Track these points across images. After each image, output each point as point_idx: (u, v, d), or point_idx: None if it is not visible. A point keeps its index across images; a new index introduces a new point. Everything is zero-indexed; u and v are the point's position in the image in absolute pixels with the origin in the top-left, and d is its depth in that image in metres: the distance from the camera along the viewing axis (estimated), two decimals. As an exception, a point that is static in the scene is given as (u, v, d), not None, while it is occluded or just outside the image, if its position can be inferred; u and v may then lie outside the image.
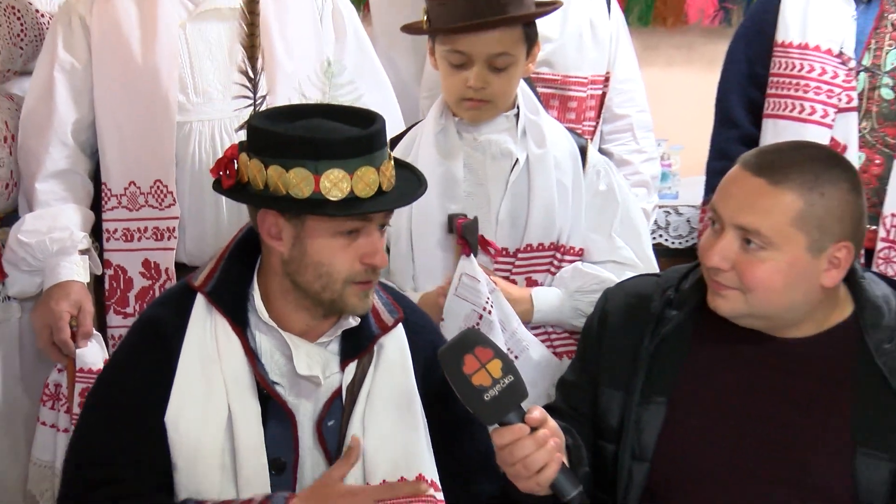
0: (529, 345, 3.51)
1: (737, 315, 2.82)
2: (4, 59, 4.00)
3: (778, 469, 2.81)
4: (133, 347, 2.95)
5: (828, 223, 2.73)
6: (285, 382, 2.85)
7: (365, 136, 2.69)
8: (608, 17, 4.51)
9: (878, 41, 4.19)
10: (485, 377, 2.57)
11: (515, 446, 2.59)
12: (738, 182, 2.78)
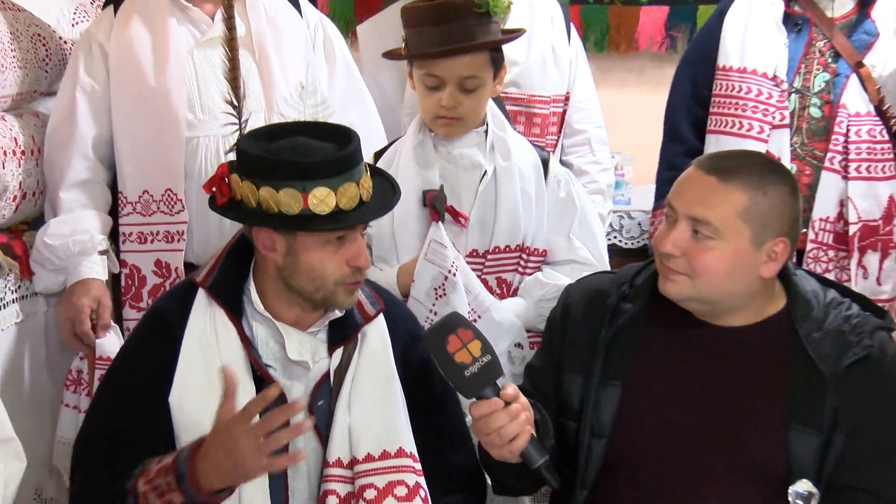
0: (491, 307, 3.52)
1: (683, 298, 2.86)
2: (31, 81, 4.00)
3: (720, 445, 2.83)
4: (141, 336, 2.99)
5: (769, 219, 2.78)
6: (278, 366, 2.88)
7: (344, 156, 2.73)
8: (568, 44, 4.51)
9: (808, 66, 4.21)
10: (465, 355, 2.61)
11: (491, 418, 2.63)
12: (693, 179, 2.84)
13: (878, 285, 4.17)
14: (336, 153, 2.75)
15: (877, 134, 4.17)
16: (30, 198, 3.89)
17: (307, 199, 2.69)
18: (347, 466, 2.84)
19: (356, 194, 2.75)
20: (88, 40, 3.91)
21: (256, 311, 2.87)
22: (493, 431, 2.64)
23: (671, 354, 2.94)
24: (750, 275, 2.82)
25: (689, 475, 2.81)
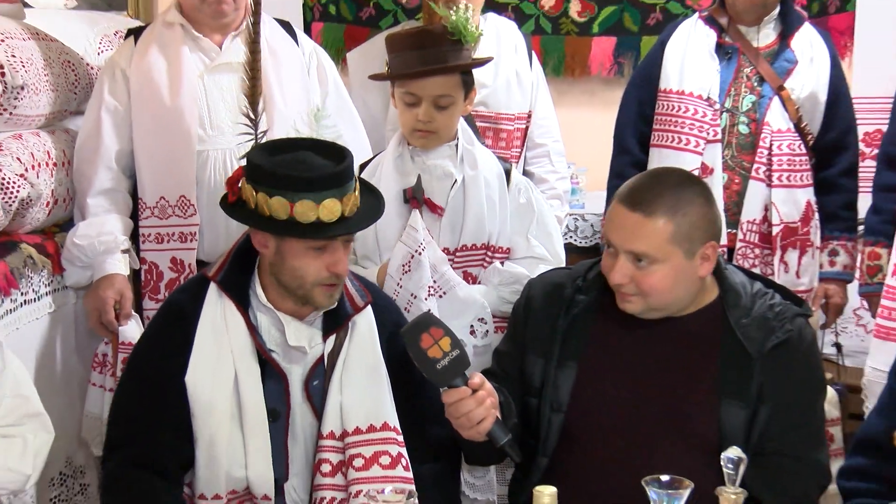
0: (455, 285, 3.53)
1: (640, 312, 2.89)
2: (62, 102, 3.99)
3: (662, 417, 2.85)
4: (159, 325, 3.01)
5: (694, 233, 2.82)
6: (279, 351, 2.90)
7: (332, 174, 2.76)
8: (530, 69, 4.51)
9: (737, 89, 4.21)
10: (437, 351, 2.62)
11: (460, 404, 2.65)
12: (621, 217, 2.85)
13: (797, 278, 4.17)
14: (324, 171, 2.77)
15: (796, 148, 4.17)
16: (60, 204, 3.88)
17: (293, 208, 2.71)
18: (339, 438, 2.86)
19: (338, 210, 2.75)
20: (112, 66, 3.90)
21: (260, 302, 2.90)
22: (462, 416, 2.66)
23: (620, 339, 2.95)
24: (691, 279, 2.87)
25: (636, 444, 2.82)
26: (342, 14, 5.68)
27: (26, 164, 3.67)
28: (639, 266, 2.80)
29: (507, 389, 2.90)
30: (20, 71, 3.67)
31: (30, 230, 3.79)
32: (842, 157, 4.28)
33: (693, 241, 2.82)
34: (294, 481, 2.92)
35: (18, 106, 3.70)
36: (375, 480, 2.78)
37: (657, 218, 2.79)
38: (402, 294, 3.47)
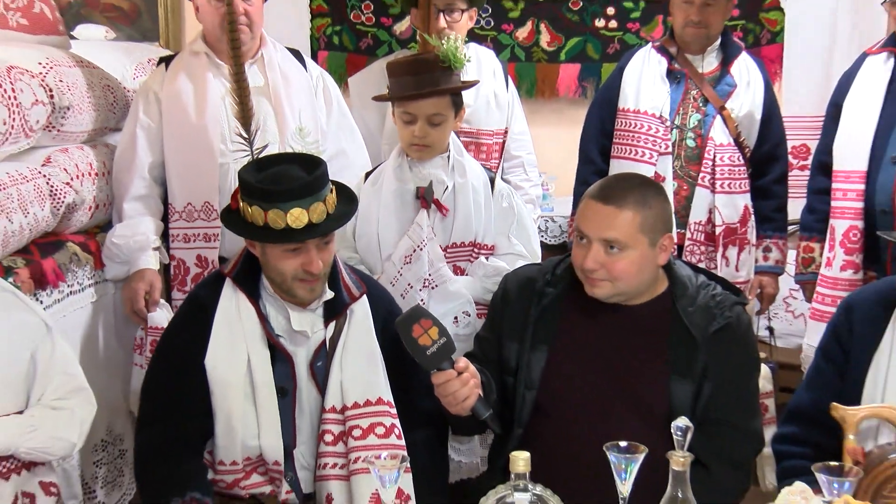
0: (447, 280, 3.54)
1: (608, 296, 2.88)
2: (103, 120, 4.02)
3: (620, 393, 2.86)
4: (182, 316, 3.03)
5: (657, 225, 2.84)
6: (286, 336, 2.91)
7: (298, 187, 2.75)
8: (506, 91, 4.51)
9: (685, 108, 4.21)
10: (426, 339, 2.63)
11: (447, 385, 2.66)
12: (595, 211, 2.85)
13: (736, 271, 4.19)
14: (293, 184, 2.78)
15: (735, 159, 4.18)
16: (101, 208, 3.90)
17: (267, 216, 2.73)
18: (339, 412, 2.87)
19: (304, 217, 2.74)
20: (146, 89, 3.91)
21: (268, 293, 2.91)
22: (449, 395, 2.68)
23: (584, 326, 2.95)
24: (652, 266, 2.88)
25: (598, 415, 2.82)
26: (344, 44, 5.68)
27: (72, 174, 3.69)
28: (610, 253, 2.80)
29: (488, 370, 2.90)
30: (66, 94, 3.70)
31: (74, 231, 3.81)
32: (774, 167, 4.30)
33: (656, 231, 2.84)
34: (301, 449, 2.93)
35: (65, 124, 3.73)
36: (372, 448, 2.78)
37: (627, 210, 2.80)
38: (400, 282, 3.49)
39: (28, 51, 3.76)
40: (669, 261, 2.96)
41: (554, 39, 5.65)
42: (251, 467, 2.88)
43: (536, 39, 5.66)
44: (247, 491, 2.88)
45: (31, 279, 3.37)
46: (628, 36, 5.56)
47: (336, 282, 2.96)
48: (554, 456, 2.63)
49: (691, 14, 4.12)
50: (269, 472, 2.88)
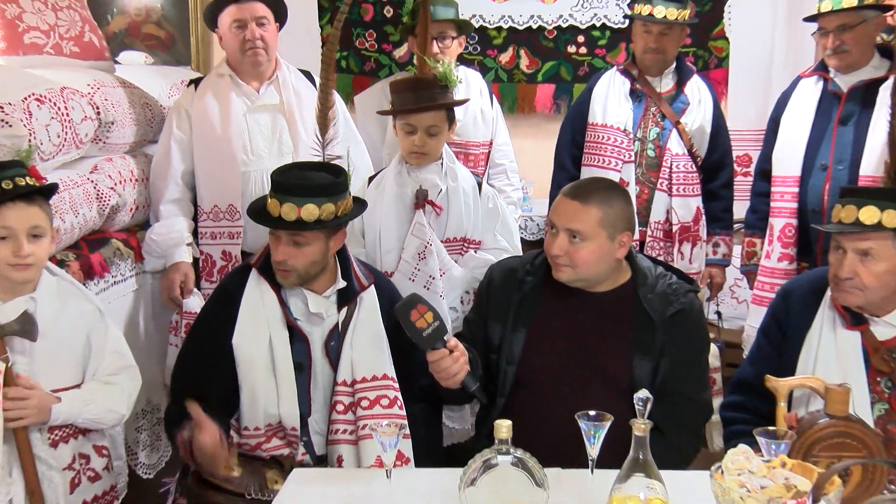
0: (453, 267, 3.56)
1: (569, 280, 2.89)
2: (142, 133, 4.02)
3: (589, 368, 2.88)
4: (213, 303, 3.04)
5: (617, 223, 2.85)
6: (303, 318, 2.91)
7: (302, 187, 2.79)
8: (491, 108, 4.53)
9: (645, 123, 4.23)
10: (423, 322, 2.63)
11: (440, 362, 2.66)
12: (563, 205, 2.88)
13: (689, 264, 4.20)
14: (314, 184, 2.82)
15: (689, 167, 4.20)
16: (140, 209, 3.90)
17: (269, 205, 2.82)
18: (349, 385, 2.89)
19: (293, 211, 2.77)
20: (178, 107, 3.90)
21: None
22: (441, 370, 2.68)
23: (558, 310, 2.96)
24: (609, 258, 2.88)
25: (570, 387, 2.85)
26: (350, 67, 5.69)
27: (115, 180, 3.70)
28: (573, 242, 2.82)
29: (474, 349, 2.90)
30: (111, 111, 3.72)
31: (117, 229, 3.81)
32: (722, 173, 4.32)
33: (615, 228, 2.85)
34: (315, 417, 2.93)
35: (110, 137, 3.74)
36: (377, 417, 2.81)
37: (591, 206, 2.82)
38: (419, 276, 3.49)
39: (79, 74, 3.79)
40: (632, 254, 2.98)
41: (532, 63, 5.65)
42: (272, 432, 2.89)
43: (517, 63, 5.66)
44: (268, 453, 2.88)
45: (80, 271, 3.36)
46: (596, 60, 5.56)
47: (348, 273, 2.98)
48: (532, 423, 2.65)
49: (650, 42, 4.16)
50: (287, 436, 2.89)
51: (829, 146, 3.88)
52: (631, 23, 4.32)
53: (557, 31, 5.63)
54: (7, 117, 2.94)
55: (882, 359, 2.75)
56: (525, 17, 5.61)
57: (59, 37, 4.00)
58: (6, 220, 2.52)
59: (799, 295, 2.92)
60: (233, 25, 3.81)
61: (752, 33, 5.32)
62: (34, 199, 2.60)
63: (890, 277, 2.69)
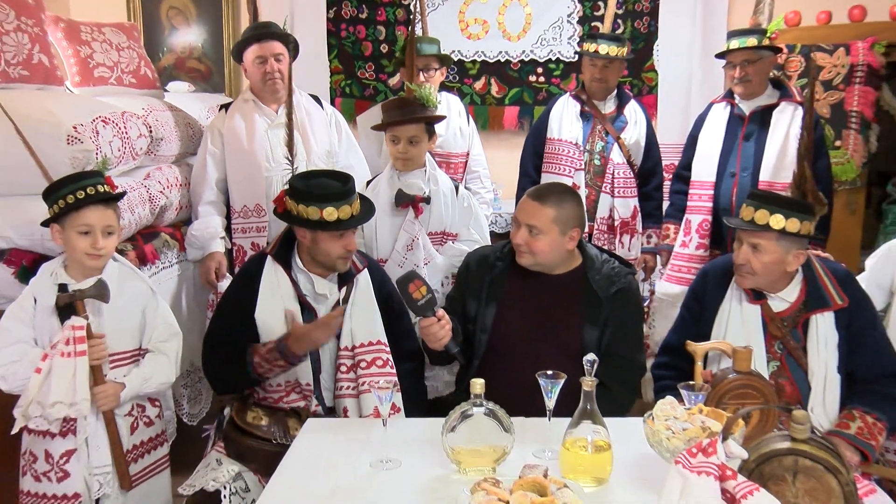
0: (436, 257, 3.53)
1: (529, 265, 2.90)
2: (184, 147, 4.03)
3: (547, 336, 2.88)
4: (238, 283, 3.00)
5: (568, 221, 2.85)
6: (311, 296, 2.90)
7: (333, 194, 2.76)
8: (468, 125, 4.50)
9: (592, 138, 4.22)
10: (418, 294, 2.63)
11: (430, 328, 2.67)
12: (526, 204, 2.88)
13: (628, 252, 4.20)
14: (339, 190, 2.78)
15: (627, 174, 4.20)
16: (183, 209, 3.90)
17: (322, 212, 2.72)
18: (350, 350, 2.87)
19: (348, 212, 2.77)
20: (212, 127, 3.89)
21: (298, 267, 2.90)
22: (430, 335, 2.69)
23: (522, 289, 2.95)
24: (561, 249, 2.88)
25: (531, 352, 2.85)
26: (353, 93, 5.66)
27: (164, 185, 3.71)
28: (532, 234, 2.84)
29: (456, 320, 2.89)
30: (160, 129, 3.75)
31: (166, 224, 3.81)
32: (653, 179, 4.33)
33: (566, 225, 2.85)
34: (324, 375, 2.91)
35: (159, 150, 3.76)
36: (373, 375, 2.80)
37: (547, 206, 2.83)
38: (407, 264, 3.47)
39: (135, 100, 3.86)
40: (583, 243, 2.98)
41: (501, 89, 5.64)
42: (290, 388, 2.88)
43: (488, 89, 5.65)
44: (288, 405, 2.87)
45: (136, 258, 3.39)
46: (552, 87, 5.56)
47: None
48: (501, 381, 2.63)
49: (595, 73, 4.19)
50: (303, 391, 2.87)
51: (736, 157, 3.97)
52: (580, 58, 4.32)
53: (521, 64, 5.61)
54: (79, 135, 2.99)
55: (776, 326, 2.79)
56: (495, 53, 5.60)
57: (120, 71, 4.12)
58: (88, 219, 2.58)
59: (713, 276, 2.93)
60: (256, 61, 3.82)
61: (675, 67, 5.35)
62: (109, 203, 2.67)
63: (774, 266, 2.73)
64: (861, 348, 2.74)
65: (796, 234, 2.68)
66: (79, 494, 2.53)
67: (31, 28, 3.29)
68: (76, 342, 2.49)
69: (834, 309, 2.75)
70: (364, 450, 2.37)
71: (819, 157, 3.82)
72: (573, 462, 2.15)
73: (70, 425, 2.53)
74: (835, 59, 4.75)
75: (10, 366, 2.50)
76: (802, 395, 2.75)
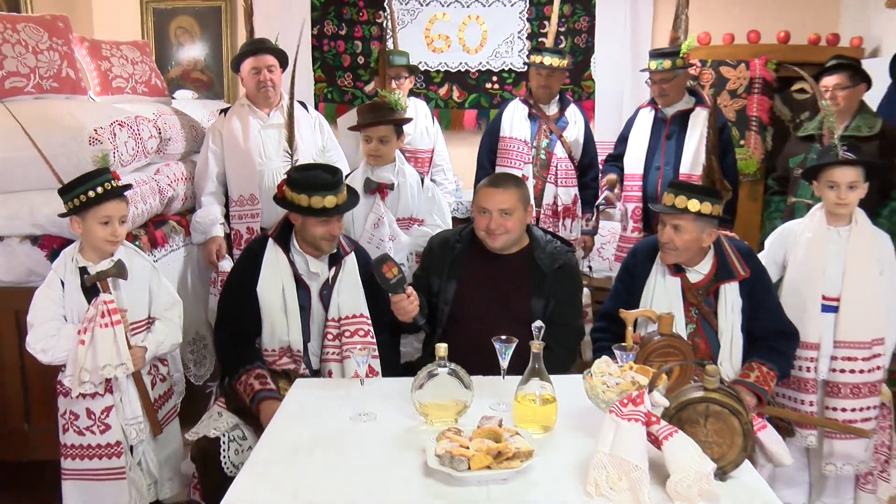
0: (400, 235, 3.48)
1: (503, 245, 2.88)
2: (189, 146, 3.96)
3: (500, 306, 2.87)
4: (242, 260, 2.93)
5: (525, 199, 2.88)
6: (305, 274, 2.84)
7: (323, 184, 2.72)
8: (433, 126, 4.47)
9: (539, 136, 4.19)
10: (390, 274, 2.61)
11: (400, 303, 2.66)
12: (492, 193, 2.85)
13: (570, 233, 4.19)
14: (328, 181, 2.74)
15: (569, 167, 4.18)
16: (188, 199, 3.85)
17: (311, 200, 2.69)
18: (336, 321, 2.84)
19: (333, 201, 2.73)
20: (213, 129, 3.83)
21: (296, 249, 2.85)
22: (400, 309, 2.67)
23: (478, 266, 2.93)
24: (522, 225, 2.88)
25: (487, 320, 2.82)
26: (334, 98, 5.60)
27: (171, 179, 3.67)
28: (503, 217, 2.81)
29: (422, 295, 2.86)
30: (168, 131, 3.69)
31: (173, 213, 3.76)
32: (591, 171, 4.31)
33: (525, 203, 2.86)
34: (312, 342, 2.87)
35: (167, 149, 3.70)
36: (356, 343, 2.77)
37: (511, 190, 2.82)
38: (374, 240, 3.43)
39: (147, 106, 3.83)
40: (530, 227, 2.96)
41: (461, 95, 5.61)
42: (282, 353, 2.83)
43: (450, 95, 5.61)
44: (280, 367, 2.83)
45: (148, 242, 3.37)
46: (505, 93, 5.54)
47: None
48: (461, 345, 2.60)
49: (541, 81, 4.16)
50: (294, 356, 2.84)
51: (660, 153, 3.99)
52: (528, 68, 4.28)
53: (478, 73, 5.58)
54: (99, 137, 3.02)
55: (693, 295, 2.80)
56: (456, 64, 5.57)
57: (135, 82, 4.12)
58: (108, 211, 2.58)
59: (641, 254, 2.93)
60: (251, 71, 3.77)
61: (608, 77, 5.37)
62: (121, 195, 2.65)
63: (692, 243, 2.75)
64: (759, 312, 2.80)
65: (709, 216, 2.71)
66: (119, 442, 2.59)
67: (60, 47, 3.34)
68: (110, 314, 2.52)
69: (739, 279, 2.78)
70: (345, 405, 2.36)
71: (727, 154, 3.88)
72: (523, 413, 2.16)
73: (108, 385, 2.57)
74: (738, 72, 4.86)
75: (49, 340, 2.53)
76: (713, 352, 2.78)
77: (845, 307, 2.87)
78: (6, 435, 3.13)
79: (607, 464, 1.81)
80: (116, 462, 2.59)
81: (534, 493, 1.84)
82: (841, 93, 3.62)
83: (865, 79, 3.66)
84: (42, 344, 2.52)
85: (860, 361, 2.87)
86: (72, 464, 2.59)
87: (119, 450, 2.59)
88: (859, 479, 3.04)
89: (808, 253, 2.93)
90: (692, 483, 1.76)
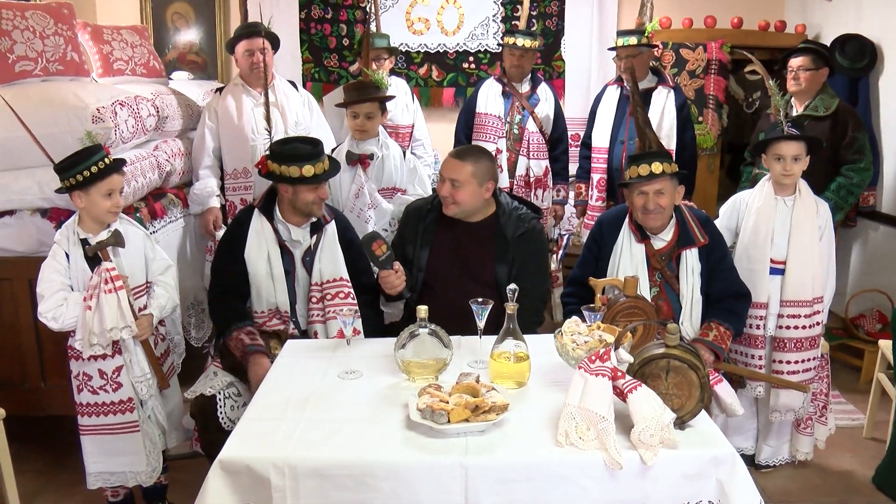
0: (381, 202, 3.44)
1: (454, 214, 2.83)
2: (186, 124, 3.90)
3: (470, 272, 2.84)
4: (231, 228, 2.89)
5: (483, 175, 2.80)
6: (289, 241, 2.80)
7: (306, 154, 2.68)
8: (413, 103, 4.40)
9: (512, 112, 4.13)
10: (380, 251, 2.58)
11: (388, 278, 2.64)
12: (449, 162, 2.82)
13: (542, 203, 4.15)
14: (311, 152, 2.70)
15: (541, 140, 4.13)
16: (185, 174, 3.78)
17: (302, 170, 2.65)
18: (320, 285, 2.79)
19: (321, 168, 2.69)
20: (209, 106, 3.77)
21: (279, 218, 2.79)
22: (388, 284, 2.65)
23: (450, 234, 2.89)
24: (479, 198, 2.82)
25: (459, 286, 2.79)
26: (321, 78, 5.49)
27: (169, 155, 3.60)
28: (454, 186, 2.76)
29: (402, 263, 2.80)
30: (166, 109, 3.62)
31: (171, 186, 3.69)
32: (560, 145, 4.25)
33: (482, 177, 2.78)
34: (299, 305, 2.83)
35: (165, 127, 3.63)
36: (338, 305, 2.74)
37: (466, 163, 2.76)
38: (355, 209, 3.39)
39: (146, 87, 3.78)
40: (496, 194, 2.90)
41: (440, 74, 5.53)
42: (271, 314, 2.79)
43: (430, 74, 5.53)
44: (270, 328, 2.79)
45: (148, 213, 3.33)
46: (481, 72, 5.46)
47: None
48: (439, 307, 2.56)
49: (514, 61, 4.10)
50: (282, 317, 2.80)
51: (625, 128, 3.95)
52: (503, 49, 4.20)
53: (456, 54, 5.49)
54: (101, 115, 2.99)
55: (657, 260, 2.78)
56: (435, 45, 5.48)
57: (134, 64, 4.06)
58: (111, 185, 2.56)
59: (608, 223, 2.90)
60: (244, 53, 3.72)
61: (577, 57, 5.30)
62: (121, 169, 2.63)
63: (672, 202, 2.74)
64: (716, 275, 2.79)
65: (673, 174, 2.71)
66: (131, 398, 2.60)
67: (65, 32, 3.30)
68: (113, 280, 2.50)
69: (698, 246, 2.77)
70: (332, 364, 2.33)
71: (686, 130, 3.94)
72: (499, 370, 2.14)
73: (116, 347, 2.57)
74: (696, 54, 4.82)
75: (58, 309, 2.51)
76: (675, 313, 2.77)
77: (791, 269, 2.88)
78: (25, 392, 3.14)
79: (576, 415, 1.81)
80: (130, 416, 2.60)
81: (509, 443, 1.83)
82: (804, 74, 3.72)
83: (829, 64, 3.76)
84: (52, 313, 2.51)
85: (803, 318, 2.90)
86: (88, 420, 2.59)
87: (131, 405, 2.60)
88: (799, 423, 3.11)
89: (758, 220, 2.92)
90: (654, 432, 1.76)
